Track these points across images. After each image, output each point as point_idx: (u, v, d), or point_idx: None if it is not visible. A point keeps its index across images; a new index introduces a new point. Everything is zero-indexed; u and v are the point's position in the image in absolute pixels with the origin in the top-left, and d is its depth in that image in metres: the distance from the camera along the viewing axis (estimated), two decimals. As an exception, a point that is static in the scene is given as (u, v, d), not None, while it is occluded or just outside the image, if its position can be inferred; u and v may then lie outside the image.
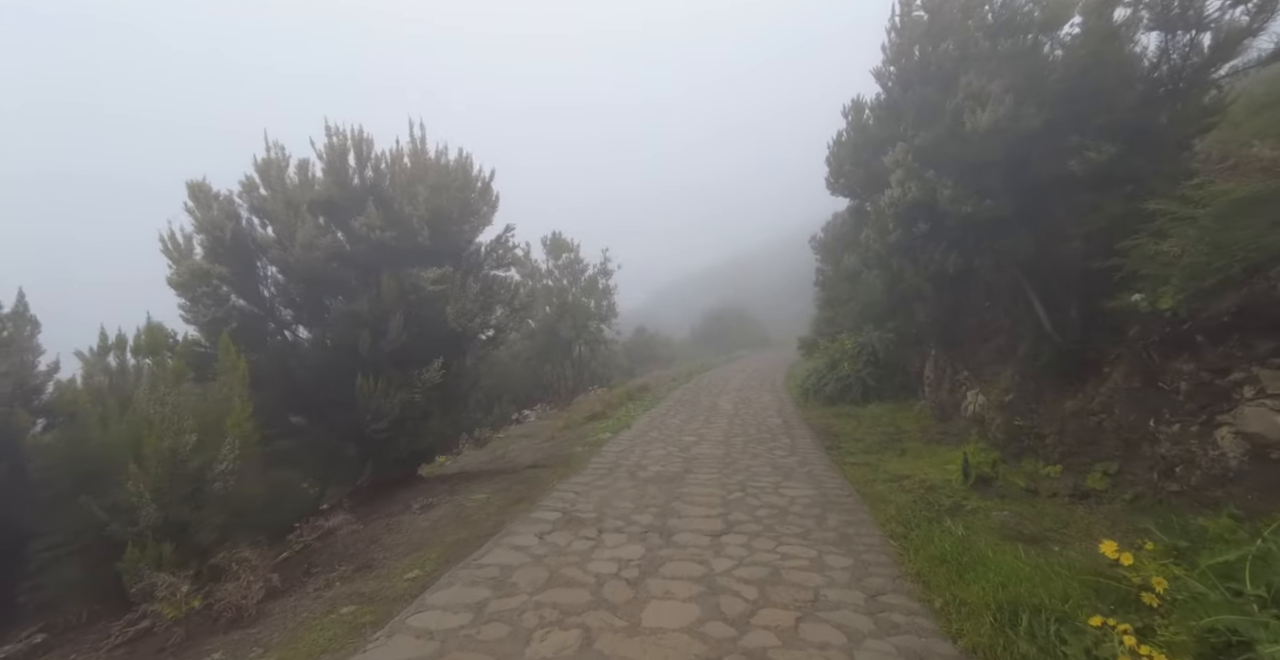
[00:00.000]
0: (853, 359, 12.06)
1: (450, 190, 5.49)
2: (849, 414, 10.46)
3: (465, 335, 5.81)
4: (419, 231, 5.27)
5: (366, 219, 5.03)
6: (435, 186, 5.37)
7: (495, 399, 14.47)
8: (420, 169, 5.47)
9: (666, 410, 11.21)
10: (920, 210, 6.25)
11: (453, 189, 5.52)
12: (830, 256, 18.20)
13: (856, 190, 10.10)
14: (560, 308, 15.36)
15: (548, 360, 15.31)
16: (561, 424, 9.70)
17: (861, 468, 6.54)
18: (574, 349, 16.00)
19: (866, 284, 12.85)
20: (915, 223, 6.38)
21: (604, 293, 16.81)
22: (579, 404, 12.38)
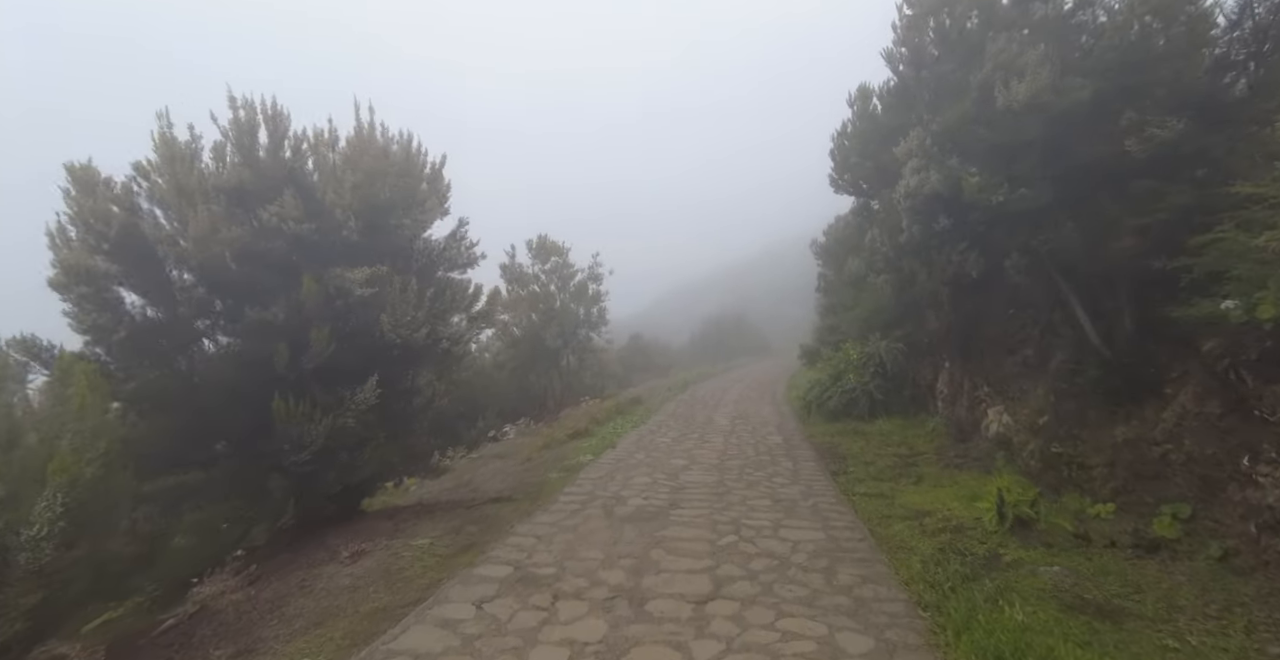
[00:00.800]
0: (859, 370, 11.24)
1: (388, 177, 4.70)
2: (856, 431, 9.62)
3: (411, 347, 4.99)
4: (344, 224, 4.47)
5: (280, 208, 4.23)
6: (370, 172, 4.58)
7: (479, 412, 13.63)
8: (358, 153, 4.69)
9: (657, 426, 10.38)
10: (940, 203, 5.45)
11: (391, 176, 4.74)
12: (832, 261, 17.43)
13: (863, 186, 9.33)
14: (546, 314, 14.54)
15: (532, 370, 14.48)
16: (541, 442, 8.87)
17: (874, 500, 5.71)
18: (562, 358, 15.16)
19: (872, 289, 12.07)
20: (935, 217, 5.59)
21: (594, 298, 15.98)
22: (565, 418, 11.55)
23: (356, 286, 4.35)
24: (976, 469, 6.58)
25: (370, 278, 4.44)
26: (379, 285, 4.56)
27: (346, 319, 4.58)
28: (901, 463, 7.34)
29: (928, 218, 5.68)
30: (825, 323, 15.15)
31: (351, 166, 4.59)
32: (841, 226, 17.13)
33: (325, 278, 4.35)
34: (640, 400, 14.73)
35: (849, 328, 14.02)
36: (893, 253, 9.50)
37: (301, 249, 4.37)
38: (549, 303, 14.94)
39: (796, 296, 63.58)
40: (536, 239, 15.27)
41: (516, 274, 15.18)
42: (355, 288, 4.35)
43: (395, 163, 4.83)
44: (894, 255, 9.54)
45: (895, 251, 8.96)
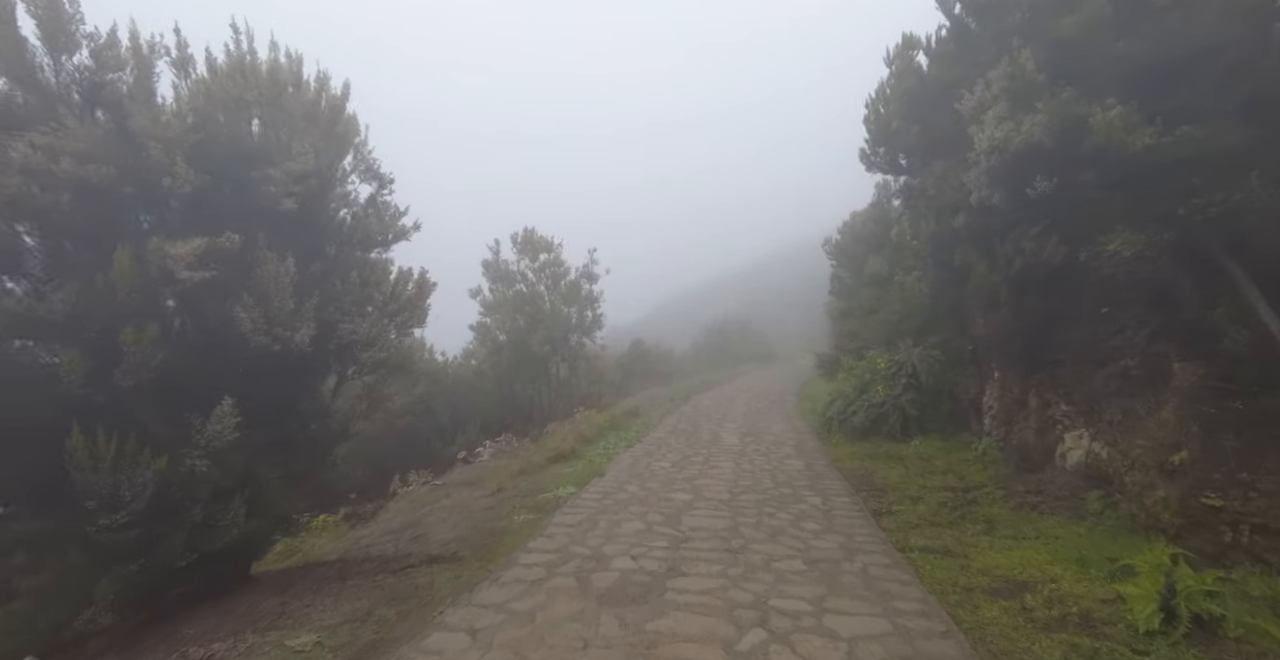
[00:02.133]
0: (888, 382, 9.82)
1: (242, 105, 3.32)
2: (889, 454, 8.20)
3: (293, 353, 3.57)
4: (169, 169, 3.06)
5: (54, 137, 2.81)
6: (211, 95, 3.21)
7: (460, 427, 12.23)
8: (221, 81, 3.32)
9: (655, 445, 8.97)
10: (1039, 158, 4.07)
11: (250, 104, 3.36)
12: (849, 261, 16.08)
13: (901, 162, 7.93)
14: (534, 317, 13.14)
15: (517, 380, 13.06)
16: (518, 466, 7.48)
17: (941, 559, 4.30)
18: (551, 366, 13.73)
19: (902, 289, 10.69)
20: (1029, 179, 4.20)
21: (588, 300, 14.54)
22: (552, 434, 10.15)
23: (181, 266, 2.94)
24: (1062, 513, 5.15)
25: (207, 253, 3.03)
26: (231, 266, 3.16)
27: (193, 314, 3.22)
28: (957, 499, 5.92)
29: (1016, 181, 4.29)
30: (843, 328, 13.73)
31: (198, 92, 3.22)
32: (860, 222, 15.78)
33: (149, 252, 2.97)
34: (638, 412, 13.31)
35: (872, 333, 12.61)
36: (934, 244, 8.11)
37: (102, 204, 2.98)
38: (537, 304, 13.51)
39: (803, 302, 62.24)
40: (522, 232, 13.85)
41: (501, 272, 13.75)
42: (180, 268, 2.94)
43: (263, 87, 3.44)
44: (935, 247, 8.15)
45: (939, 241, 7.58)
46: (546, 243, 14.03)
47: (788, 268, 74.88)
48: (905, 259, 11.19)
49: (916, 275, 9.91)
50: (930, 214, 6.94)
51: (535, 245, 13.89)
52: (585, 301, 14.38)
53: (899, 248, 11.61)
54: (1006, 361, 7.46)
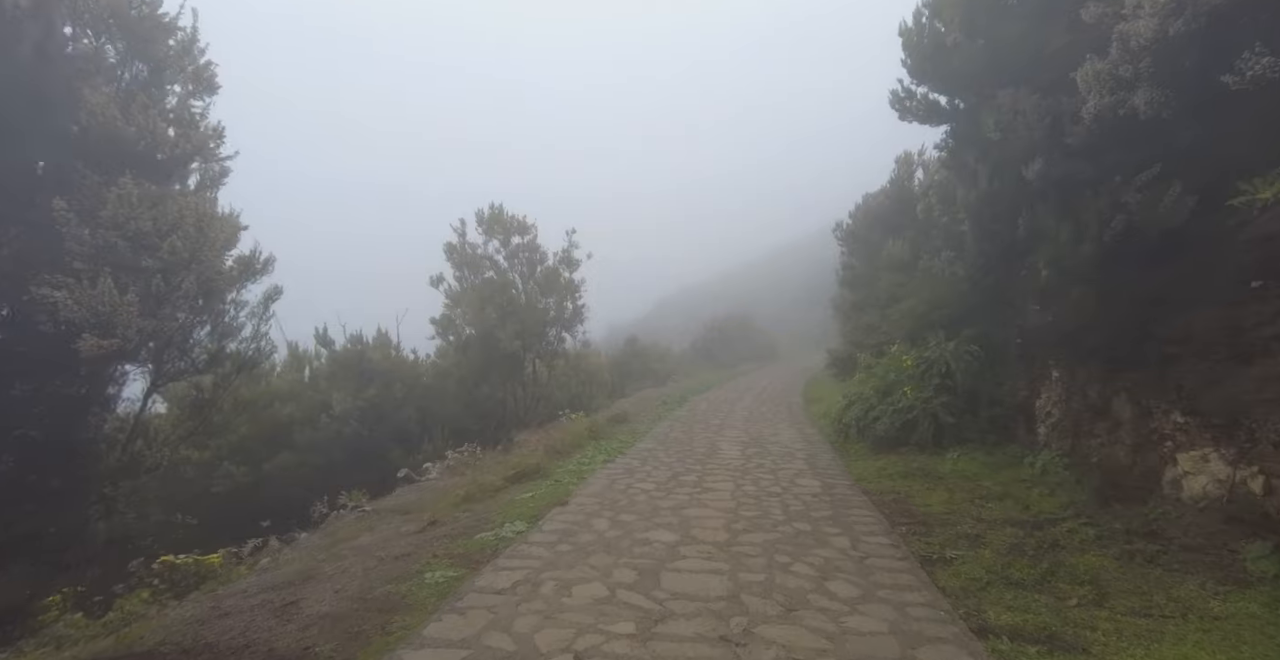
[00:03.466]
0: (917, 383, 8.35)
1: None
2: (924, 472, 6.73)
3: None
4: None
5: None
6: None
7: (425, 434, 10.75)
8: None
9: (640, 460, 7.50)
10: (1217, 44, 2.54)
11: None
12: (862, 247, 14.59)
13: (942, 105, 6.41)
14: (504, 309, 11.56)
15: (485, 380, 11.55)
16: (463, 491, 5.99)
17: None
18: (526, 366, 12.19)
19: (929, 275, 9.20)
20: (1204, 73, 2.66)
21: (568, 289, 12.93)
22: (521, 445, 8.68)
23: None
24: (1202, 571, 3.66)
25: None
26: None
27: None
28: (1033, 541, 4.44)
29: (1206, 57, 2.75)
30: (856, 322, 12.20)
31: None
32: (876, 203, 14.26)
33: None
34: (626, 417, 11.85)
35: (894, 327, 11.10)
36: (980, 212, 6.60)
37: None
38: (508, 294, 11.92)
39: (804, 299, 60.90)
40: (489, 210, 12.23)
41: (467, 257, 12.17)
42: None
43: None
44: (982, 216, 6.64)
45: (992, 206, 6.08)
46: (519, 223, 12.43)
47: (789, 265, 73.56)
48: (933, 240, 9.69)
49: (948, 257, 8.42)
50: (986, 167, 5.44)
51: (505, 226, 12.29)
52: (564, 290, 12.77)
53: (925, 227, 10.13)
54: (1075, 357, 5.96)
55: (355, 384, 9.94)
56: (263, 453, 8.97)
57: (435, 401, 11.28)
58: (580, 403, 19.78)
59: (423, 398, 11.26)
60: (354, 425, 9.59)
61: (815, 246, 70.90)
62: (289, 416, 9.54)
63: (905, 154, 12.99)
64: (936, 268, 8.91)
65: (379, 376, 10.53)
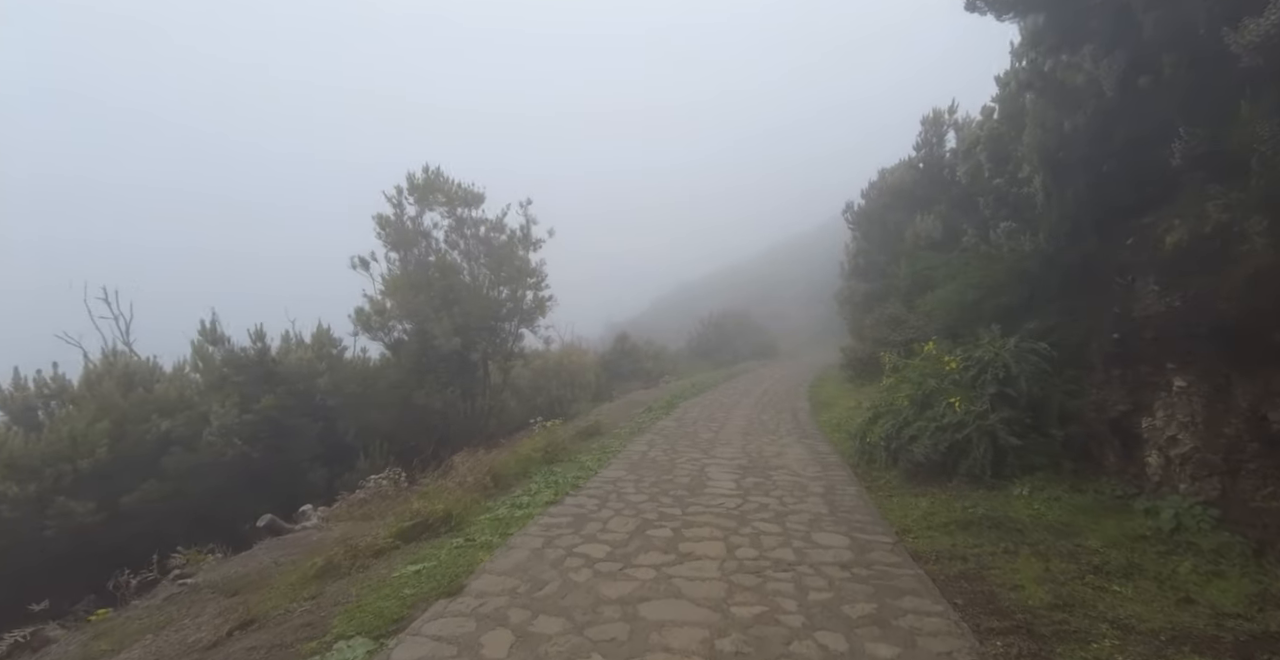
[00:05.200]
0: (966, 391, 6.43)
1: None
2: (993, 521, 4.82)
3: None
4: None
5: None
6: None
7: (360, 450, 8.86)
8: None
9: (601, 499, 5.60)
10: None
11: None
12: (878, 230, 12.65)
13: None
14: (444, 297, 9.44)
15: (420, 386, 9.54)
16: (322, 559, 4.06)
17: None
18: (476, 369, 10.12)
19: (980, 254, 7.26)
20: None
21: (524, 273, 10.73)
22: (453, 470, 6.74)
23: None
24: None
25: None
26: None
27: None
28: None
29: None
30: (880, 314, 10.23)
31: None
32: (896, 177, 12.27)
33: None
34: (600, 429, 9.95)
35: (924, 321, 9.18)
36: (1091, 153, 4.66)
37: None
38: (448, 278, 9.77)
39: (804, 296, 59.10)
40: (424, 172, 10.01)
41: (402, 234, 10.01)
42: None
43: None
44: (1070, 164, 4.71)
45: (1131, 126, 4.14)
46: (465, 193, 10.27)
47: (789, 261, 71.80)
48: (976, 211, 7.76)
49: (1008, 229, 6.49)
50: (1121, 60, 3.47)
51: (448, 194, 10.11)
52: (521, 276, 10.61)
53: (965, 196, 8.19)
54: (1232, 360, 4.03)
55: (244, 392, 7.96)
56: (127, 482, 7.05)
57: (370, 412, 9.34)
58: (560, 407, 17.87)
59: (355, 407, 9.32)
60: (239, 445, 7.60)
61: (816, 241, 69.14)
62: (165, 434, 7.59)
63: (934, 112, 11.04)
64: (990, 243, 6.98)
65: (287, 382, 8.58)
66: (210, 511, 6.85)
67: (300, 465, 8.26)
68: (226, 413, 7.53)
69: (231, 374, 8.08)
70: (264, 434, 7.83)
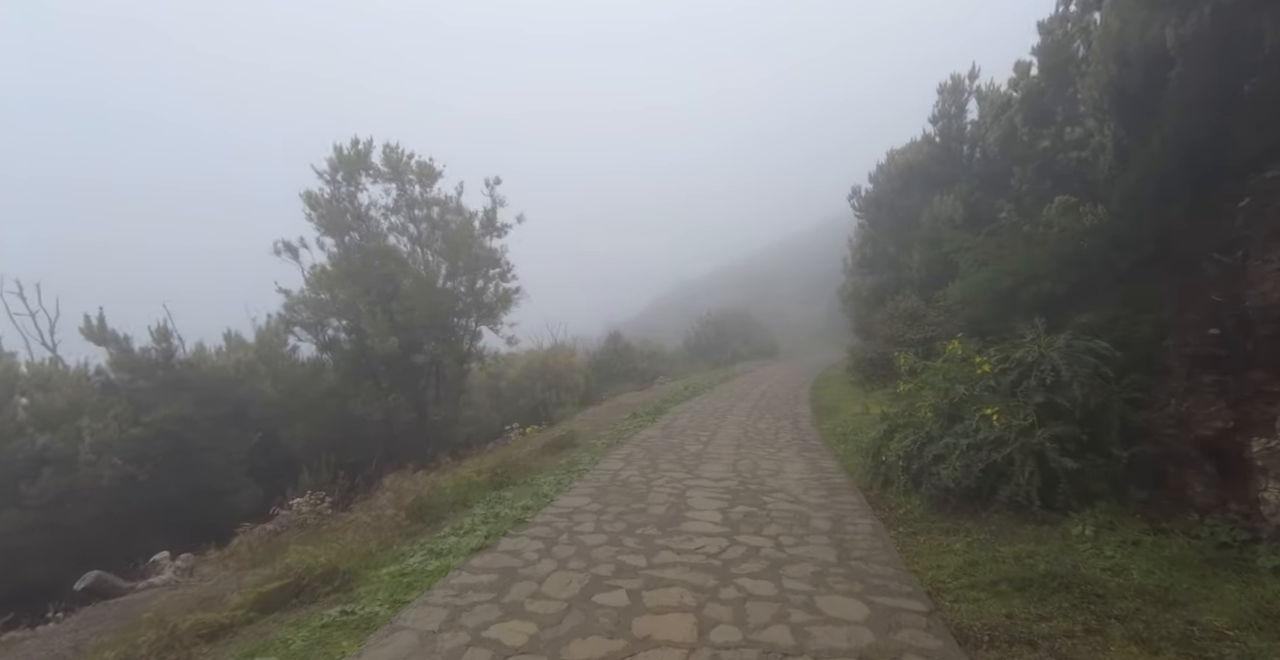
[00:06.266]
0: (1004, 400, 5.21)
1: None
2: (1060, 579, 3.59)
3: None
4: None
5: None
6: None
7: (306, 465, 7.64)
8: None
9: (546, 545, 4.42)
10: None
11: None
12: (888, 217, 11.42)
13: None
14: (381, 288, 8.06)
15: (357, 395, 8.26)
16: (113, 656, 2.85)
17: None
18: (425, 373, 8.81)
19: (1019, 234, 6.03)
20: None
21: (483, 263, 9.35)
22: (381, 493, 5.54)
23: None
24: None
25: None
26: None
27: None
28: None
29: None
30: (893, 310, 8.94)
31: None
32: (907, 157, 10.97)
33: None
34: (574, 440, 8.75)
35: (943, 316, 7.95)
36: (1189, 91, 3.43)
37: None
38: (391, 264, 8.34)
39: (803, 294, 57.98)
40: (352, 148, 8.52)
41: (337, 216, 8.61)
42: None
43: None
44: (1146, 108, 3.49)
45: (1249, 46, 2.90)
46: (418, 166, 8.85)
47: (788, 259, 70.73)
48: (1012, 185, 6.53)
49: (1061, 203, 5.25)
50: None
51: (395, 166, 8.65)
52: (478, 264, 9.16)
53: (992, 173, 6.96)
54: None
55: (139, 401, 6.73)
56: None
57: (314, 421, 8.12)
58: (545, 411, 16.67)
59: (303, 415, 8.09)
60: (119, 465, 6.32)
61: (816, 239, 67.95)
62: (40, 452, 6.40)
63: (953, 79, 9.77)
64: (1030, 220, 5.75)
65: (198, 389, 7.33)
66: (95, 548, 5.67)
67: (223, 485, 7.04)
68: (105, 427, 6.27)
69: (131, 379, 6.88)
70: (157, 451, 6.57)
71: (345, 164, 8.15)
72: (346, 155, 8.16)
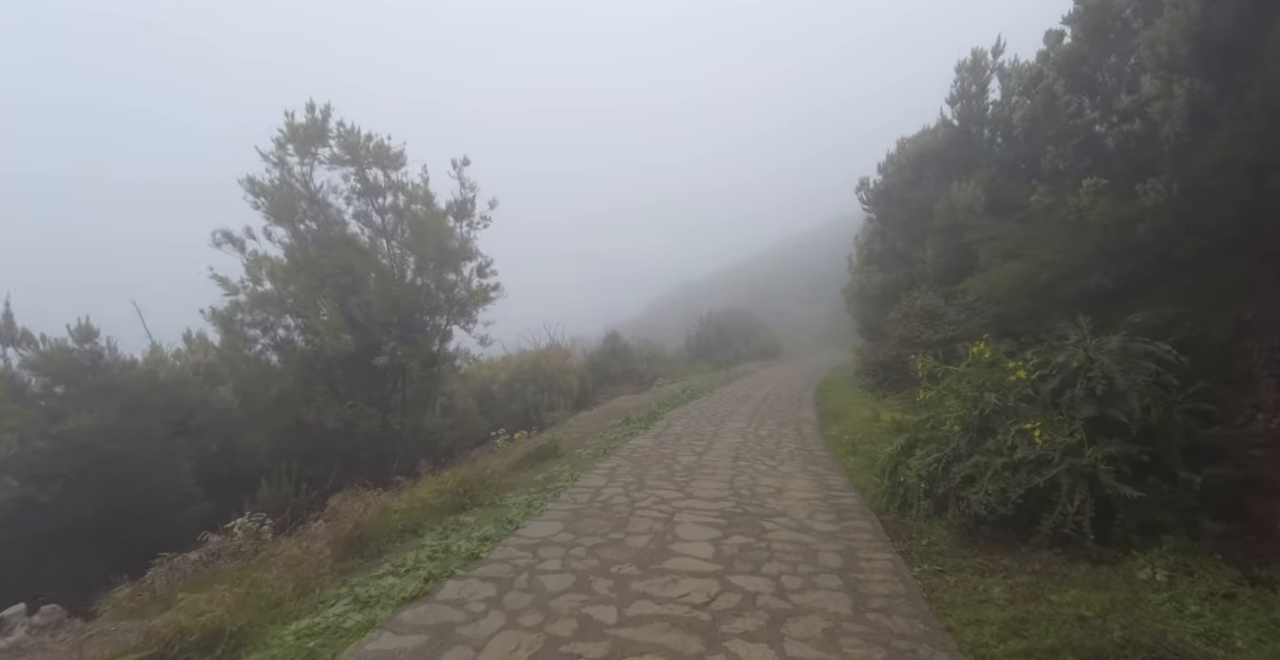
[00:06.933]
0: (1046, 413, 4.43)
1: None
2: (1142, 653, 2.69)
3: None
4: None
5: None
6: None
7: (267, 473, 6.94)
8: None
9: (503, 582, 3.70)
10: None
11: None
12: (898, 210, 10.61)
13: None
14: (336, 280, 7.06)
15: (309, 402, 7.46)
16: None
17: None
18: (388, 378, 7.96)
19: (1055, 224, 5.24)
20: None
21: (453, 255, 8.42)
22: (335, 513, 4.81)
23: None
24: None
25: None
26: None
27: None
28: None
29: None
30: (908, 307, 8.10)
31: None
32: (920, 144, 10.18)
33: None
34: (557, 450, 8.00)
35: (963, 314, 7.16)
36: None
37: None
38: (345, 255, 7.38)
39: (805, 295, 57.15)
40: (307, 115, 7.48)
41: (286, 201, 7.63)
42: None
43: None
44: None
45: None
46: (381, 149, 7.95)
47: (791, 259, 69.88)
48: (1044, 167, 5.74)
49: (1097, 184, 4.48)
50: None
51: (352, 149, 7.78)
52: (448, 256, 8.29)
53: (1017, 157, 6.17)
54: None
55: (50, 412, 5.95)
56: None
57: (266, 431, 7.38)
58: (536, 415, 15.93)
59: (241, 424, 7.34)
60: (14, 486, 5.48)
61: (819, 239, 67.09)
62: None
63: (973, 54, 8.95)
64: (1067, 205, 4.96)
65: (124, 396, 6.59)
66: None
67: (163, 502, 6.29)
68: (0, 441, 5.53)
69: (50, 384, 6.18)
70: (68, 467, 5.80)
71: (298, 136, 7.24)
72: (299, 126, 7.25)
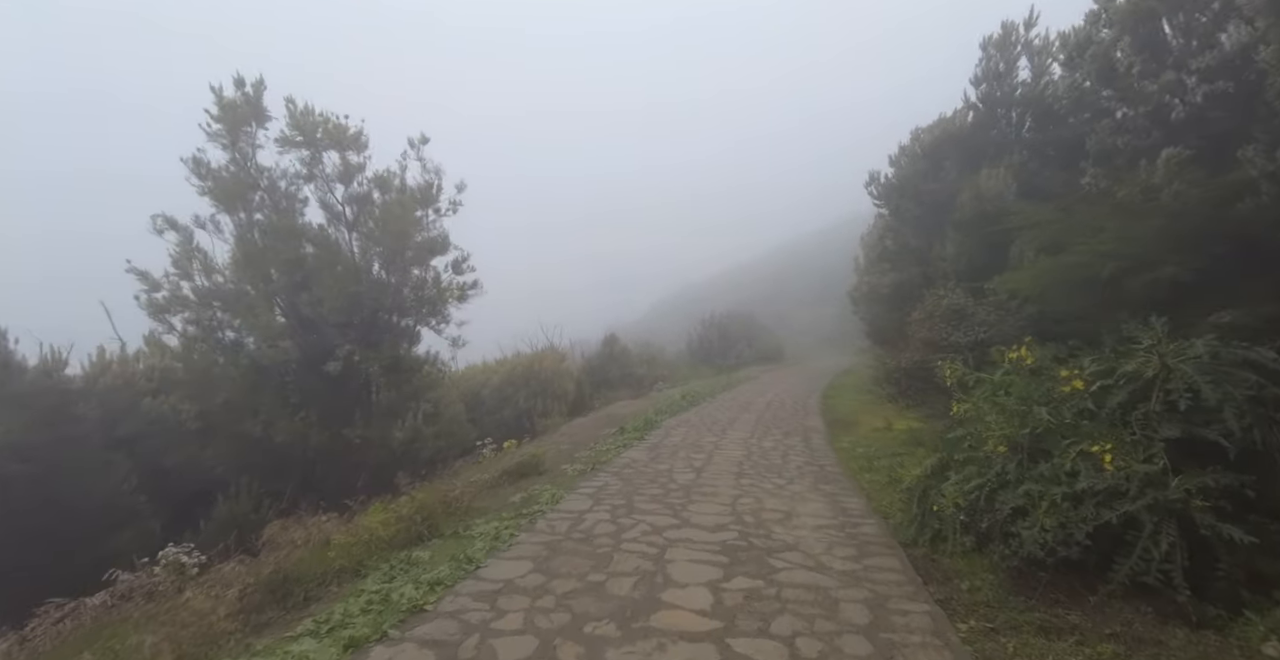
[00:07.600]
0: (1114, 432, 3.61)
1: None
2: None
3: None
4: None
5: None
6: None
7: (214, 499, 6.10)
8: None
9: (443, 648, 2.80)
10: None
11: None
12: (911, 204, 9.82)
13: None
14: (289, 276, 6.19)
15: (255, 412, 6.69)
16: None
17: None
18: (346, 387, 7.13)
19: (1113, 208, 4.46)
20: None
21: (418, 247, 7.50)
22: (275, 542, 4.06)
23: None
24: None
25: None
26: None
27: None
28: None
29: None
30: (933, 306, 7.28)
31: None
32: (937, 133, 9.37)
33: None
34: (540, 466, 7.22)
35: (996, 314, 6.37)
36: None
37: None
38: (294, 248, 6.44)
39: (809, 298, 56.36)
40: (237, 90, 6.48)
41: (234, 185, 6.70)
42: None
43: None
44: None
45: None
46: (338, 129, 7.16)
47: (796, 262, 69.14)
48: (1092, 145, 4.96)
49: (1176, 157, 3.69)
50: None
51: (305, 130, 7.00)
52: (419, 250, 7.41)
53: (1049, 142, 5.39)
54: None
55: None
56: None
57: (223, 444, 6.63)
58: (529, 422, 15.20)
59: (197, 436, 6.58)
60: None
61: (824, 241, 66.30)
62: None
63: (1003, 28, 8.18)
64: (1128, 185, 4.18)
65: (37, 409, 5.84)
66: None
67: (86, 528, 5.53)
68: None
69: None
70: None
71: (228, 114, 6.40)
72: (229, 102, 6.35)
